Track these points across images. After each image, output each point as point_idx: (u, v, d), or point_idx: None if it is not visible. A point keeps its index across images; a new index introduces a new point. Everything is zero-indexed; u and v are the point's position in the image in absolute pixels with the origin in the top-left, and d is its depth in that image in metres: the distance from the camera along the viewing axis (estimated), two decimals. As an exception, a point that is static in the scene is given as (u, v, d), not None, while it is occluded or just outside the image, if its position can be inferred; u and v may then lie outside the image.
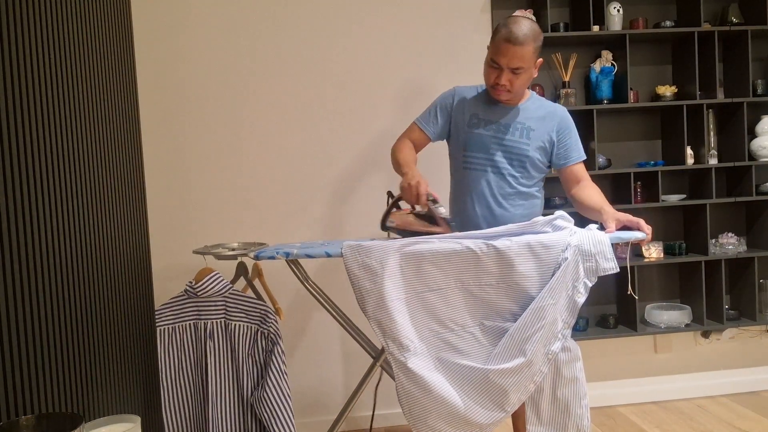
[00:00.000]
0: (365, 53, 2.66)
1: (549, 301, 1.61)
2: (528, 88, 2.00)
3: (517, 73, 1.84)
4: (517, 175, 1.95)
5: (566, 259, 1.63)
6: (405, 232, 1.84)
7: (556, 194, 2.67)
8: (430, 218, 1.83)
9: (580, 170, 2.01)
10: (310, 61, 2.64)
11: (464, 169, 1.99)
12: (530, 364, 1.61)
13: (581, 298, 1.64)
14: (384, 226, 1.88)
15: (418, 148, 2.06)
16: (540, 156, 1.96)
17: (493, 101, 1.98)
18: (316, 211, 2.67)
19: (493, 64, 1.86)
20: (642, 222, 1.74)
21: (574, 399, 1.70)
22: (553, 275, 1.64)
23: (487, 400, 1.63)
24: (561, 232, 1.69)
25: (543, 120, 1.97)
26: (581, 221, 1.82)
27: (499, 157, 1.94)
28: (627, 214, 1.76)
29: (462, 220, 2.00)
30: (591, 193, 1.93)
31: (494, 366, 1.62)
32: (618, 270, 1.64)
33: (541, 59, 1.91)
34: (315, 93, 2.65)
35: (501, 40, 1.82)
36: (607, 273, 1.64)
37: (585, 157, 2.02)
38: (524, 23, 1.83)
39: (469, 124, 1.97)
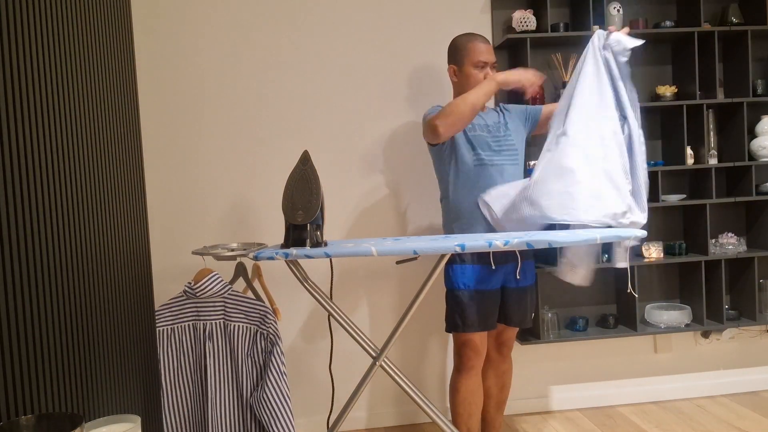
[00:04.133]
0: (365, 54, 2.66)
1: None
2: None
3: (495, 67, 2.18)
4: (517, 161, 2.22)
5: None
6: None
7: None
8: None
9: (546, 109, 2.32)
10: (309, 62, 2.64)
11: (476, 166, 2.13)
12: None
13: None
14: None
15: None
16: (522, 142, 2.27)
17: None
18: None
19: (479, 65, 2.14)
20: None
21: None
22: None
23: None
24: None
25: (505, 114, 2.27)
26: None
27: (498, 155, 2.17)
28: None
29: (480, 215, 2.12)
30: None
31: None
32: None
33: None
34: (314, 94, 2.65)
35: (477, 43, 2.15)
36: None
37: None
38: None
39: (470, 129, 2.16)
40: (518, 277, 2.14)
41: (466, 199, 2.13)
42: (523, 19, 2.59)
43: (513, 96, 2.76)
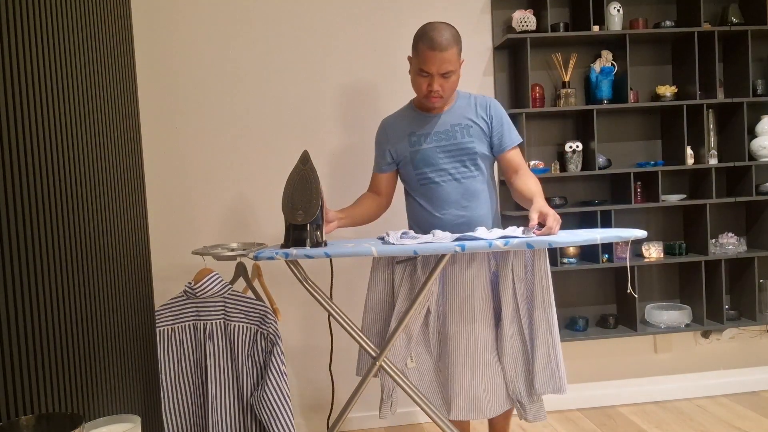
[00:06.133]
0: (365, 54, 2.66)
1: None
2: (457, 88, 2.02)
3: (447, 77, 1.88)
4: (472, 175, 1.99)
5: None
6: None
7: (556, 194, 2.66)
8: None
9: (516, 157, 2.04)
10: (309, 61, 2.64)
11: (422, 185, 2.02)
12: None
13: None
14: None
15: (391, 186, 2.13)
16: (484, 148, 2.00)
17: (423, 114, 2.02)
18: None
19: (422, 74, 1.88)
20: (551, 227, 1.73)
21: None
22: None
23: None
24: None
25: (476, 113, 2.01)
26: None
27: (450, 164, 1.98)
28: (549, 213, 1.76)
29: (430, 225, 2.02)
30: (527, 182, 1.97)
31: None
32: None
33: (463, 59, 1.96)
34: (314, 93, 2.65)
35: (426, 49, 1.84)
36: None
37: (521, 140, 2.05)
38: (444, 28, 1.86)
39: (411, 144, 2.01)
40: None
41: None
42: (523, 19, 2.59)
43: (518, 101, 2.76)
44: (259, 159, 2.63)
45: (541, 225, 1.76)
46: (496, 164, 2.11)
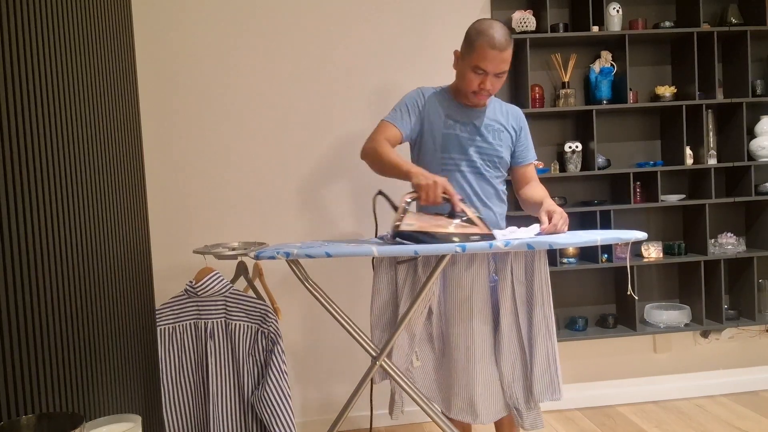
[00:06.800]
0: (366, 53, 2.66)
1: None
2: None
3: (500, 76, 1.88)
4: (493, 175, 2.00)
5: None
6: (433, 238, 1.72)
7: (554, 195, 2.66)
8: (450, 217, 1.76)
9: (532, 171, 2.09)
10: (311, 61, 2.64)
11: (442, 171, 1.96)
12: None
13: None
14: (398, 233, 1.75)
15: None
16: (508, 155, 2.03)
17: (460, 104, 1.99)
18: (317, 211, 2.67)
19: (477, 71, 1.85)
20: (556, 224, 1.77)
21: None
22: None
23: None
24: None
25: (507, 120, 2.02)
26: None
27: (477, 158, 1.97)
28: (556, 210, 1.79)
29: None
30: (536, 189, 2.02)
31: None
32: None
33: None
34: (316, 93, 2.65)
35: (485, 47, 1.81)
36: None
37: (536, 158, 2.11)
38: (500, 27, 1.85)
39: (445, 125, 1.96)
40: None
41: None
42: (523, 19, 2.59)
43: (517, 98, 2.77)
44: (261, 158, 2.63)
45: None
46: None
